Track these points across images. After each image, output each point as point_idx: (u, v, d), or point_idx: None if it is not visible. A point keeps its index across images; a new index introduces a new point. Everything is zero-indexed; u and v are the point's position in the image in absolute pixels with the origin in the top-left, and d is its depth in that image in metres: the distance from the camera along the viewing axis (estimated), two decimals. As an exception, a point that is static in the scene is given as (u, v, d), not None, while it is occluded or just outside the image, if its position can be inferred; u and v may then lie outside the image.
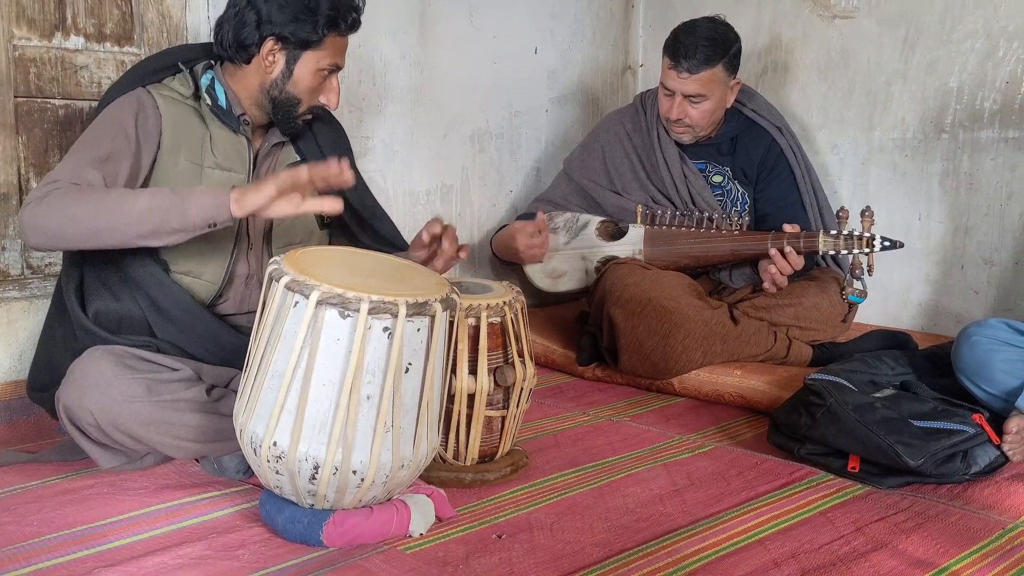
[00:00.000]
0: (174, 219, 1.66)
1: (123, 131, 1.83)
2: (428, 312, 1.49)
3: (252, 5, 1.85)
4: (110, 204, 1.68)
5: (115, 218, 1.66)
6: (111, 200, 1.69)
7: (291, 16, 1.84)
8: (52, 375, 1.84)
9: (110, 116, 1.85)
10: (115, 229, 1.67)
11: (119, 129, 1.83)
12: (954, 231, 2.88)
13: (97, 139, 1.82)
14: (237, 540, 1.53)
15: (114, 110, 1.86)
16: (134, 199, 1.68)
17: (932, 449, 1.79)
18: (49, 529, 1.55)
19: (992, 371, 1.95)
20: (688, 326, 2.41)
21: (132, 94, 1.88)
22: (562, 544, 1.55)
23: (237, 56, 1.89)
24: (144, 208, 1.66)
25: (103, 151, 1.79)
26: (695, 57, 2.56)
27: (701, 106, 2.63)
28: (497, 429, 1.83)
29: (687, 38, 2.58)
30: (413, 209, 3.00)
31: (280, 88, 1.90)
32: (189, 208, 1.66)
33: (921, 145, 2.93)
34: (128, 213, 1.66)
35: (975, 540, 1.59)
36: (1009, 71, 2.73)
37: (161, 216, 1.66)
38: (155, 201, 1.67)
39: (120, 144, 1.82)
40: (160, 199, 1.68)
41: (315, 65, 1.89)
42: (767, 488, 1.81)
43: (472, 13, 3.08)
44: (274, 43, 1.87)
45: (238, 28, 1.87)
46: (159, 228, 1.67)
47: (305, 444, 1.45)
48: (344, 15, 1.88)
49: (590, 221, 2.77)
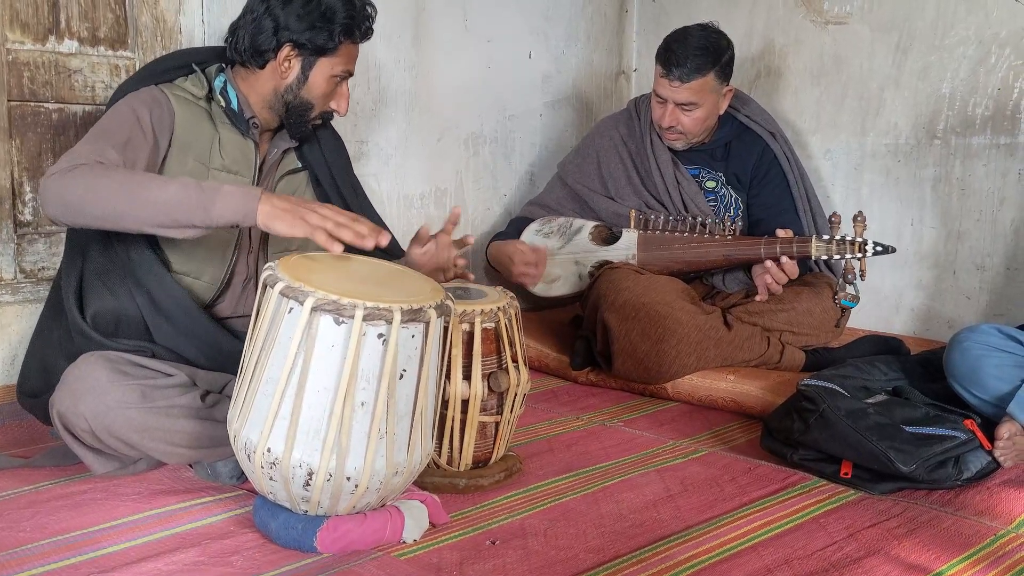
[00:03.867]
0: (197, 216, 1.65)
1: (139, 123, 1.83)
2: (423, 318, 1.49)
3: (269, 12, 1.88)
4: (136, 187, 1.66)
5: (138, 202, 1.65)
6: (137, 183, 1.67)
7: (308, 24, 1.88)
8: (44, 380, 1.84)
9: (126, 107, 1.85)
10: (136, 213, 1.66)
11: (135, 120, 1.83)
12: (946, 236, 2.90)
13: (115, 127, 1.81)
14: (231, 546, 1.53)
15: (129, 102, 1.86)
16: (161, 187, 1.66)
17: (924, 455, 1.80)
18: (42, 535, 1.55)
19: (984, 377, 1.96)
20: (682, 331, 2.41)
21: (146, 90, 1.89)
22: (556, 550, 1.55)
23: (252, 61, 1.92)
24: (170, 198, 1.65)
25: (122, 138, 1.79)
26: (686, 66, 2.56)
27: (693, 114, 2.63)
28: (491, 435, 1.83)
29: (679, 47, 2.58)
30: (407, 213, 3.00)
31: (295, 93, 1.94)
32: (213, 208, 1.64)
33: (914, 151, 2.94)
34: (152, 200, 1.65)
35: (967, 546, 1.59)
36: (1001, 77, 2.75)
37: (184, 210, 1.65)
38: (182, 193, 1.65)
39: (137, 134, 1.82)
40: (187, 192, 1.65)
41: (329, 71, 1.94)
42: (760, 494, 1.82)
43: (466, 17, 3.09)
44: (290, 49, 1.90)
45: (255, 34, 1.90)
46: (180, 221, 1.66)
47: (299, 450, 1.45)
48: (359, 23, 1.93)
49: (584, 226, 2.77)
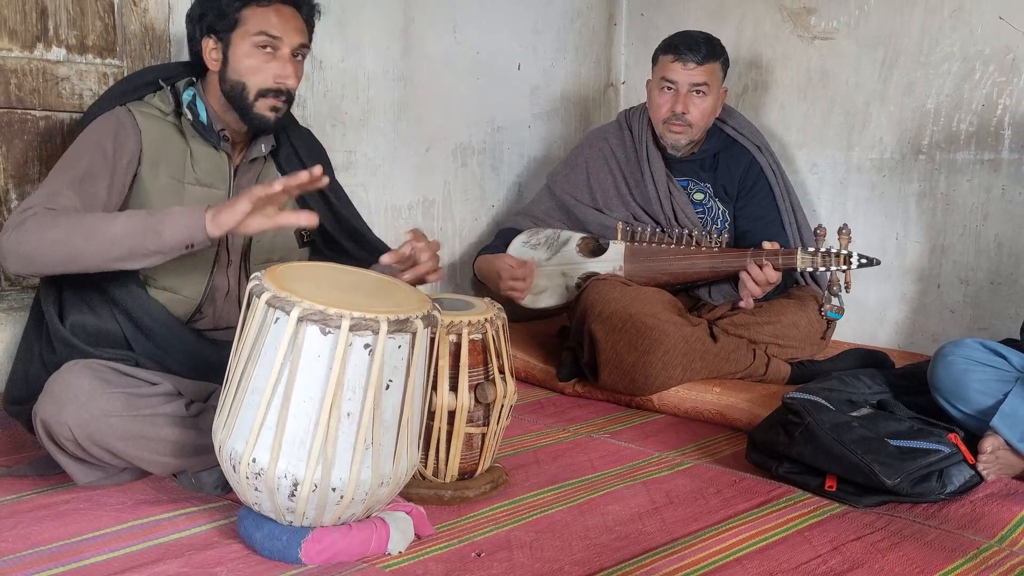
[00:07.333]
0: (149, 242, 1.66)
1: (101, 150, 1.83)
2: (409, 329, 1.49)
3: (190, 18, 1.96)
4: (86, 228, 1.68)
5: (91, 242, 1.67)
6: (87, 224, 1.69)
7: (207, 8, 1.92)
8: (29, 389, 1.83)
9: (88, 136, 1.87)
10: (92, 253, 1.68)
11: (97, 149, 1.84)
12: (930, 251, 2.92)
13: (75, 160, 1.83)
14: (215, 557, 1.52)
15: (93, 130, 1.87)
16: (109, 222, 1.69)
17: (908, 468, 1.81)
18: (24, 545, 1.54)
19: (967, 391, 1.97)
20: (668, 343, 2.42)
21: (111, 113, 1.89)
22: (541, 563, 1.55)
23: (200, 66, 1.96)
24: (119, 231, 1.67)
25: (80, 171, 1.80)
26: (700, 51, 2.64)
27: (703, 101, 2.66)
28: (477, 446, 1.83)
29: (687, 37, 2.67)
30: (395, 223, 3.00)
31: (225, 79, 1.92)
32: (164, 230, 1.66)
33: (899, 165, 2.96)
34: (103, 237, 1.67)
35: (951, 559, 1.60)
36: (985, 94, 2.77)
37: (136, 239, 1.66)
38: (130, 224, 1.68)
39: (98, 164, 1.82)
40: (135, 222, 1.68)
41: (245, 43, 1.89)
42: (745, 507, 1.82)
43: (456, 29, 3.10)
44: (210, 40, 1.93)
45: (190, 40, 1.98)
46: (135, 251, 1.67)
47: (285, 461, 1.45)
48: None
49: (571, 238, 2.78)
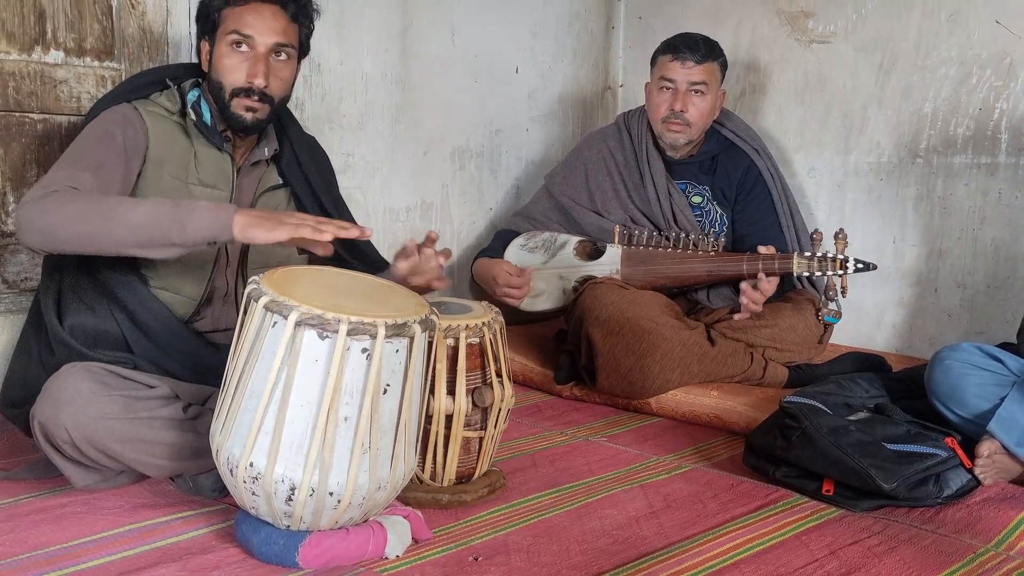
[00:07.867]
0: (173, 233, 1.65)
1: (113, 142, 1.83)
2: (407, 333, 1.49)
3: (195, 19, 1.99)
4: (109, 210, 1.67)
5: (113, 224, 1.65)
6: (110, 206, 1.68)
7: (199, 11, 1.94)
8: (26, 391, 1.82)
9: (99, 127, 1.85)
10: (112, 235, 1.66)
11: (109, 140, 1.83)
12: (928, 254, 2.92)
13: (88, 149, 1.81)
14: (212, 561, 1.52)
15: (101, 122, 1.86)
16: (133, 207, 1.67)
17: (905, 472, 1.81)
18: (21, 549, 1.53)
19: (965, 395, 1.97)
20: (665, 346, 2.42)
21: (118, 108, 1.89)
22: (538, 567, 1.55)
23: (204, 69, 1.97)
24: (143, 218, 1.65)
25: (95, 160, 1.79)
26: (700, 50, 2.66)
27: (702, 101, 2.67)
28: (474, 450, 1.83)
29: (686, 38, 2.69)
30: (393, 226, 3.00)
31: (210, 78, 1.93)
32: (189, 224, 1.65)
33: (896, 169, 2.96)
34: (127, 221, 1.65)
35: (948, 564, 1.60)
36: (982, 98, 2.78)
37: (160, 228, 1.65)
38: (156, 212, 1.66)
39: (111, 155, 1.81)
40: (161, 211, 1.66)
41: (223, 43, 1.90)
42: (742, 511, 1.82)
43: (454, 32, 3.10)
44: (204, 41, 1.95)
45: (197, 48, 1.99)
46: (156, 239, 1.66)
47: (282, 465, 1.45)
48: None
49: (568, 241, 2.78)
